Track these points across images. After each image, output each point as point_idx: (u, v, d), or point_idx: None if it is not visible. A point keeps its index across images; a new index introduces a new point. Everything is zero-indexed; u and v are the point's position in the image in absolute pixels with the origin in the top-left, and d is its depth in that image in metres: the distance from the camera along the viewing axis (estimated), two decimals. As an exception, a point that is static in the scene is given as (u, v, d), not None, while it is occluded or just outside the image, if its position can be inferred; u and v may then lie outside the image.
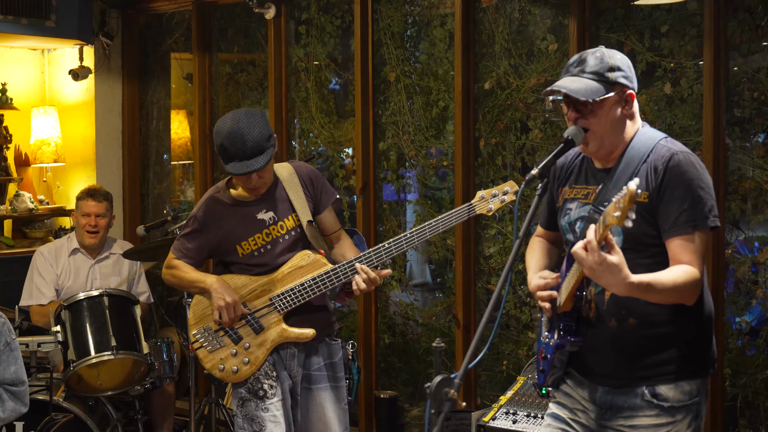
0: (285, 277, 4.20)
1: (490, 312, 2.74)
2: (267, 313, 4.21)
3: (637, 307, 3.05)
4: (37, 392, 4.99)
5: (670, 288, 2.92)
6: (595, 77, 3.09)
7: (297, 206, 4.25)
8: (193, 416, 5.31)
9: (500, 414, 4.54)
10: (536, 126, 5.40)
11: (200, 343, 4.26)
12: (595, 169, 3.23)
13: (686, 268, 2.96)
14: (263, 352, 4.21)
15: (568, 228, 3.24)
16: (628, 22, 5.07)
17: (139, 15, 7.25)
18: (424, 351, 5.94)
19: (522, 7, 5.45)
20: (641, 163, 3.08)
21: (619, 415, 3.13)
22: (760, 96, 4.72)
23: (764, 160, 4.71)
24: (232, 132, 4.03)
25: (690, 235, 2.97)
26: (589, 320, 3.15)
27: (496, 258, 5.57)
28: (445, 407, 2.56)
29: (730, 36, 4.76)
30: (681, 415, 3.08)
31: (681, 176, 3.00)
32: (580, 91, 3.05)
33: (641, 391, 3.09)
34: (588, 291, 3.14)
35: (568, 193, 3.28)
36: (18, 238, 7.13)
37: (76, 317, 5.26)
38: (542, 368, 3.29)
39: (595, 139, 3.12)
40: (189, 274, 4.27)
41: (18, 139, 7.19)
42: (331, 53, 6.29)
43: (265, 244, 4.22)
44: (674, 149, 3.06)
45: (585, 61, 3.12)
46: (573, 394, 3.27)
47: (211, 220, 4.25)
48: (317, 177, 4.37)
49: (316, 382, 4.31)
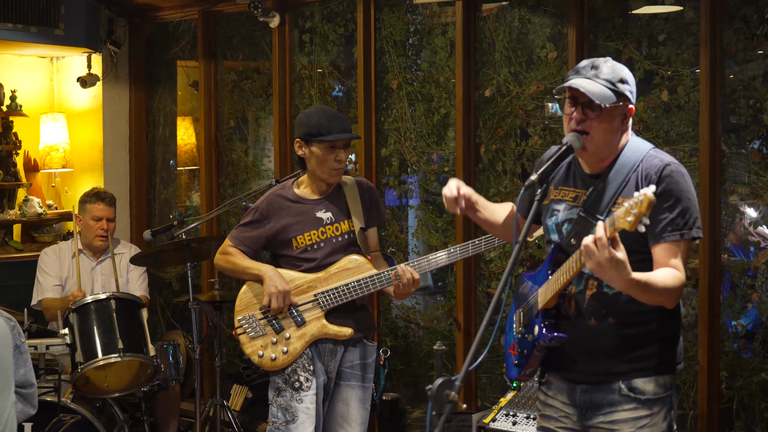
0: (331, 277, 4.32)
1: (490, 315, 2.74)
2: (310, 308, 4.32)
3: (616, 307, 3.09)
4: (45, 394, 4.99)
5: (661, 289, 2.95)
6: (608, 84, 3.10)
7: (353, 213, 4.40)
8: (198, 418, 5.31)
9: (500, 416, 4.54)
10: (536, 133, 5.40)
11: (243, 328, 4.37)
12: (584, 174, 3.22)
13: (676, 272, 2.99)
14: (302, 344, 4.31)
15: (555, 228, 3.24)
16: (626, 31, 5.08)
17: (146, 23, 7.26)
18: (426, 354, 5.95)
19: (522, 15, 5.46)
20: (631, 172, 3.10)
21: (598, 412, 3.15)
22: (755, 103, 4.72)
23: (759, 167, 4.71)
24: (327, 110, 4.41)
25: (677, 242, 3.01)
26: (568, 317, 3.17)
27: (496, 262, 5.58)
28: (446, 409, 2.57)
29: (726, 44, 4.76)
30: (658, 408, 3.11)
31: (672, 187, 3.03)
32: (596, 94, 3.06)
33: (618, 386, 3.11)
34: (569, 289, 3.16)
35: (555, 194, 3.28)
36: (27, 242, 7.15)
37: (84, 320, 5.26)
38: (517, 362, 3.29)
39: (592, 143, 3.12)
40: (244, 260, 4.41)
41: (27, 145, 7.21)
42: (335, 61, 6.30)
43: (319, 241, 4.35)
44: (666, 160, 3.09)
45: (599, 67, 3.13)
46: (554, 403, 3.28)
47: (273, 212, 4.39)
48: (375, 195, 4.53)
49: (347, 379, 4.40)
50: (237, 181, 6.87)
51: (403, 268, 4.22)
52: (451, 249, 4.29)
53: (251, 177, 6.83)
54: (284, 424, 4.29)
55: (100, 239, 5.92)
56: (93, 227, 5.90)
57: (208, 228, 6.75)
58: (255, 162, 6.85)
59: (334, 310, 4.33)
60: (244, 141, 6.89)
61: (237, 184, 6.85)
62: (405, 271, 4.21)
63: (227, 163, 6.91)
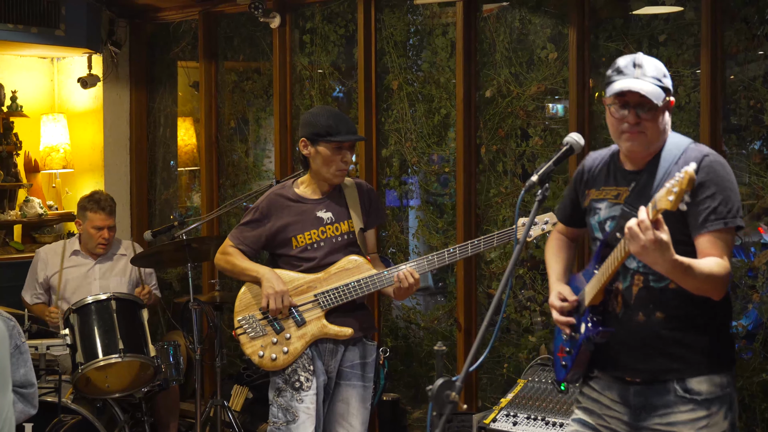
0: (331, 277, 4.33)
1: (490, 316, 2.74)
2: (310, 308, 4.34)
3: (664, 302, 3.08)
4: (45, 394, 4.99)
5: (706, 275, 2.93)
6: (656, 82, 3.09)
7: (353, 214, 4.41)
8: (199, 418, 5.31)
9: (501, 416, 4.54)
10: (536, 133, 5.40)
11: (243, 329, 4.39)
12: (625, 171, 3.23)
13: (719, 260, 2.98)
14: (302, 344, 4.32)
15: (598, 227, 3.25)
16: (627, 32, 5.08)
17: (147, 24, 7.26)
18: (426, 354, 5.94)
19: (522, 16, 5.46)
20: (672, 165, 3.10)
21: (654, 414, 3.12)
22: (756, 104, 4.72)
23: (760, 167, 4.71)
24: (334, 111, 4.45)
25: (719, 231, 3.00)
26: (616, 315, 3.16)
27: (496, 263, 5.57)
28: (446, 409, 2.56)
29: (727, 45, 4.76)
30: (716, 407, 3.08)
31: (712, 177, 3.03)
32: (653, 94, 3.05)
33: (673, 387, 3.09)
34: (616, 286, 3.15)
35: (596, 194, 3.29)
36: (27, 242, 7.14)
37: (85, 320, 5.26)
38: (564, 363, 3.28)
39: (644, 141, 3.12)
40: (243, 261, 4.42)
41: (28, 146, 7.21)
42: (335, 62, 6.30)
43: (319, 240, 4.36)
44: (705, 151, 3.10)
45: (642, 65, 3.11)
46: (601, 399, 3.25)
47: (273, 211, 4.41)
48: (374, 197, 4.55)
49: (347, 379, 4.41)
50: (237, 182, 6.87)
51: (405, 272, 4.22)
52: (451, 249, 4.29)
53: (252, 177, 6.83)
54: (285, 424, 4.29)
55: (101, 248, 5.92)
56: (94, 236, 5.90)
57: (209, 228, 6.75)
58: (255, 163, 6.85)
59: (334, 310, 4.34)
60: (244, 141, 6.89)
61: (237, 185, 6.85)
62: (407, 275, 4.21)
63: (228, 163, 6.91)
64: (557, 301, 3.27)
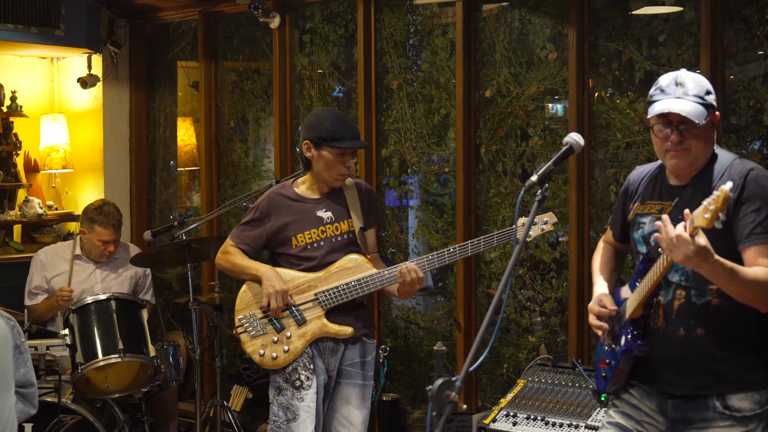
0: (331, 276, 4.34)
1: (490, 316, 2.74)
2: (311, 307, 4.34)
3: (705, 317, 3.08)
4: (45, 394, 4.99)
5: (750, 279, 2.93)
6: (699, 100, 3.10)
7: (353, 213, 4.42)
8: (198, 418, 5.31)
9: (500, 416, 4.54)
10: (536, 133, 5.40)
11: (244, 327, 4.39)
12: (670, 186, 3.24)
13: (766, 269, 2.97)
14: (303, 343, 4.32)
15: (642, 241, 3.26)
16: (627, 32, 5.08)
17: (147, 24, 7.26)
18: (426, 354, 5.94)
19: (522, 16, 5.46)
20: (717, 180, 3.11)
21: (691, 426, 3.13)
22: (755, 104, 4.72)
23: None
24: (339, 115, 4.43)
25: (766, 245, 3.00)
26: (657, 329, 3.17)
27: (496, 263, 5.57)
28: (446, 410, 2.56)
29: (726, 45, 4.76)
30: (754, 424, 3.08)
31: (758, 190, 3.04)
32: (693, 114, 3.06)
33: (713, 404, 3.09)
34: (657, 299, 3.16)
35: (641, 209, 3.30)
36: (27, 242, 7.14)
37: (84, 321, 5.26)
38: (604, 375, 3.30)
39: (689, 158, 3.13)
40: (244, 260, 4.43)
41: (27, 146, 7.20)
42: (335, 62, 6.30)
43: (319, 239, 4.37)
44: (750, 166, 3.10)
45: (684, 84, 3.12)
46: (640, 406, 3.26)
47: (273, 211, 4.42)
48: (373, 197, 4.57)
49: (347, 377, 4.42)
50: (237, 182, 6.87)
51: (408, 266, 4.22)
52: (451, 249, 4.28)
53: (251, 178, 6.83)
54: (285, 422, 4.30)
55: (104, 257, 5.93)
56: (98, 247, 5.89)
57: (209, 229, 6.75)
58: (255, 163, 6.85)
59: (334, 309, 4.34)
60: (244, 142, 6.88)
61: (237, 185, 6.85)
62: (410, 269, 4.21)
63: (227, 163, 6.91)
64: (596, 305, 3.31)
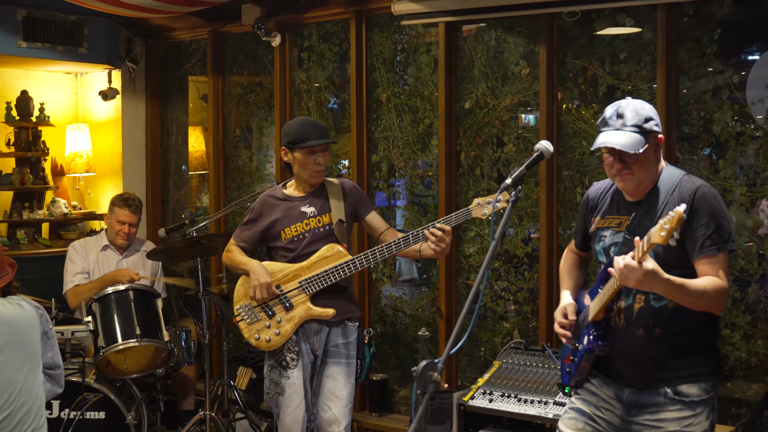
0: (313, 265, 4.39)
1: (469, 304, 2.75)
2: (297, 294, 4.39)
3: (663, 319, 3.11)
4: (71, 375, 4.99)
5: (700, 292, 2.98)
6: (636, 129, 3.11)
7: (333, 208, 4.46)
8: (208, 396, 5.31)
9: (478, 394, 4.55)
10: (510, 141, 5.41)
11: (241, 316, 4.48)
12: (626, 202, 3.27)
13: (714, 279, 3.02)
14: (292, 326, 4.39)
15: (602, 252, 3.29)
16: (591, 50, 5.09)
17: (161, 42, 7.25)
18: (411, 339, 5.95)
19: (498, 36, 5.47)
20: (669, 196, 3.13)
21: (644, 411, 3.16)
22: (705, 115, 4.74)
23: (709, 171, 4.73)
24: (306, 120, 4.50)
25: (715, 256, 3.04)
26: (618, 329, 3.19)
27: (474, 257, 5.58)
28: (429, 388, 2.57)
29: (680, 62, 4.78)
30: (701, 408, 3.12)
31: (705, 207, 3.07)
32: (628, 145, 3.07)
33: (664, 391, 3.13)
34: (618, 304, 3.19)
35: (601, 223, 3.33)
36: (54, 239, 7.14)
37: (105, 309, 5.26)
38: (568, 370, 3.33)
39: (633, 180, 3.16)
40: (239, 257, 4.51)
41: (54, 152, 7.20)
42: (330, 76, 6.30)
43: (304, 232, 4.43)
44: (698, 183, 3.13)
45: (623, 115, 3.13)
46: (598, 393, 3.29)
47: (264, 210, 4.50)
48: (358, 191, 4.60)
49: (332, 357, 4.46)
50: (242, 185, 6.86)
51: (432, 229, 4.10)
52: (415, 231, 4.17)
53: (255, 180, 6.82)
54: (276, 395, 4.43)
55: (121, 239, 5.96)
56: (116, 228, 5.96)
57: (217, 226, 6.74)
58: (258, 167, 6.84)
59: (318, 295, 4.39)
60: (248, 148, 6.88)
61: (242, 187, 6.85)
62: (434, 231, 4.10)
63: (233, 168, 6.90)
64: (560, 315, 3.35)
